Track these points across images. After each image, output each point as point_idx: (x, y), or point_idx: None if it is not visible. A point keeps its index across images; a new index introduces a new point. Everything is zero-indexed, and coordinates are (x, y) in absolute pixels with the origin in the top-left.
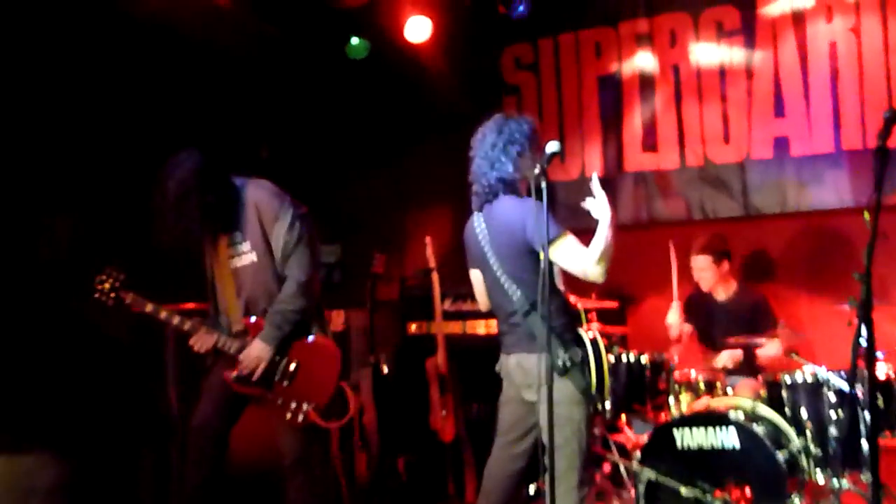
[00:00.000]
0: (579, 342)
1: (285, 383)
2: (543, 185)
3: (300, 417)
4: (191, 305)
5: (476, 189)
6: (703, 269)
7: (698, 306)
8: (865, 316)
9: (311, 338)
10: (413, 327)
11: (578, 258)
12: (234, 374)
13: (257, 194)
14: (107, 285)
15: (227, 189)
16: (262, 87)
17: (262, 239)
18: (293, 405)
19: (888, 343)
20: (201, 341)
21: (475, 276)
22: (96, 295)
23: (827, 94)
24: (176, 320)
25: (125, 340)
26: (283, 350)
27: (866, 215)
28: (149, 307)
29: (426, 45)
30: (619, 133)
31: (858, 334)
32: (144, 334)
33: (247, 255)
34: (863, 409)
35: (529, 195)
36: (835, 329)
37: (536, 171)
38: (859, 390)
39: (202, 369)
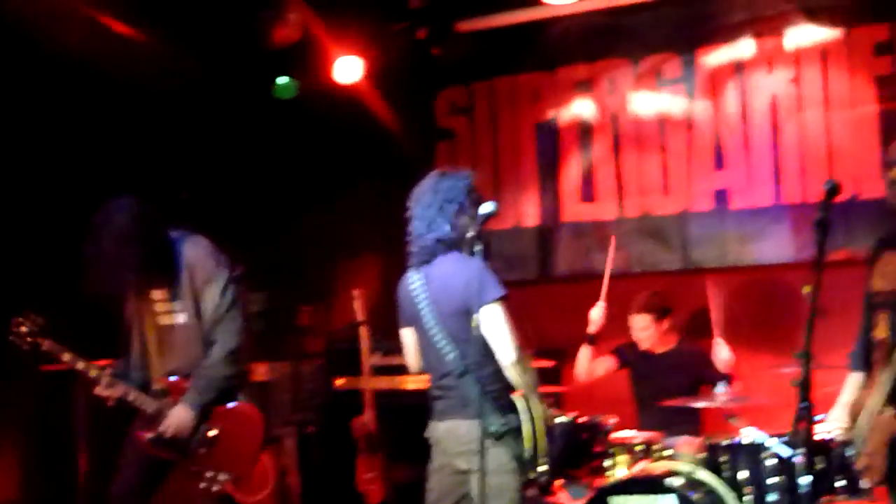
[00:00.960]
0: (514, 409)
1: (203, 450)
2: (478, 248)
3: (215, 487)
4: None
5: (414, 249)
6: (643, 328)
7: (633, 359)
8: (804, 395)
9: (233, 404)
10: (340, 382)
11: (504, 330)
12: (151, 435)
13: (192, 252)
14: (24, 328)
15: (165, 241)
16: (183, 127)
17: (192, 300)
18: (209, 474)
19: (830, 405)
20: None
21: (406, 335)
22: (11, 337)
23: (767, 146)
24: (94, 373)
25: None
26: (204, 415)
27: (806, 289)
28: (66, 356)
29: (357, 86)
30: (556, 182)
31: (800, 408)
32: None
33: (177, 315)
34: (801, 475)
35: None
36: (777, 389)
37: (470, 233)
38: (799, 455)
39: (116, 433)
